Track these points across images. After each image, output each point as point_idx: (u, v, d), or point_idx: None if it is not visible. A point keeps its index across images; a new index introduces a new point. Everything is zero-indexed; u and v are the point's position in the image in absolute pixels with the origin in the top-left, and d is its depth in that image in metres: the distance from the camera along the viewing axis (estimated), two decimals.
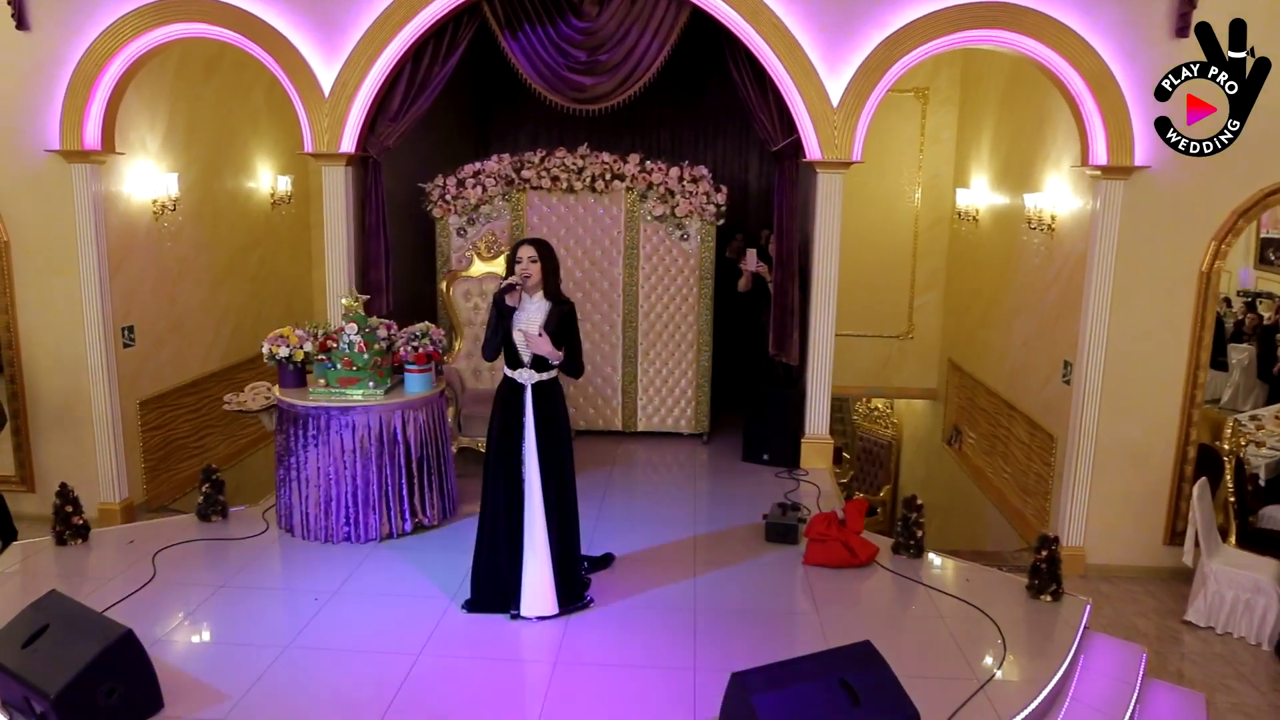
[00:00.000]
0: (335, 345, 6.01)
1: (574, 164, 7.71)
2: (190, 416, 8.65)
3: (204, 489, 6.24)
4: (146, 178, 7.86)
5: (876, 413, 12.02)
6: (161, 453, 8.26)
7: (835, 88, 6.95)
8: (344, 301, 6.11)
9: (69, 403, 7.64)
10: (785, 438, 7.55)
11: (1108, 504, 7.19)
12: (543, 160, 7.76)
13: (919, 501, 5.89)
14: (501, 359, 5.01)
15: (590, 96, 7.27)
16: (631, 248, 7.88)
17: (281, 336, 6.13)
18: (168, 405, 8.27)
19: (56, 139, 7.22)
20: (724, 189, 7.78)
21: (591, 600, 5.19)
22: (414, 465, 6.02)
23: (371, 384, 5.98)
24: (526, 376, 4.90)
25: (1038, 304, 7.96)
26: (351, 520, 5.92)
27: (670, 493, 7.10)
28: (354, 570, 5.59)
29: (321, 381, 6.06)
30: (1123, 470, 7.13)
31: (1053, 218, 7.63)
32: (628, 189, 7.77)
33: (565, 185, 7.76)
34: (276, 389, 6.89)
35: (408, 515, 6.04)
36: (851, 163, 7.08)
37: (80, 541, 5.90)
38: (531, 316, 4.85)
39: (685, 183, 7.69)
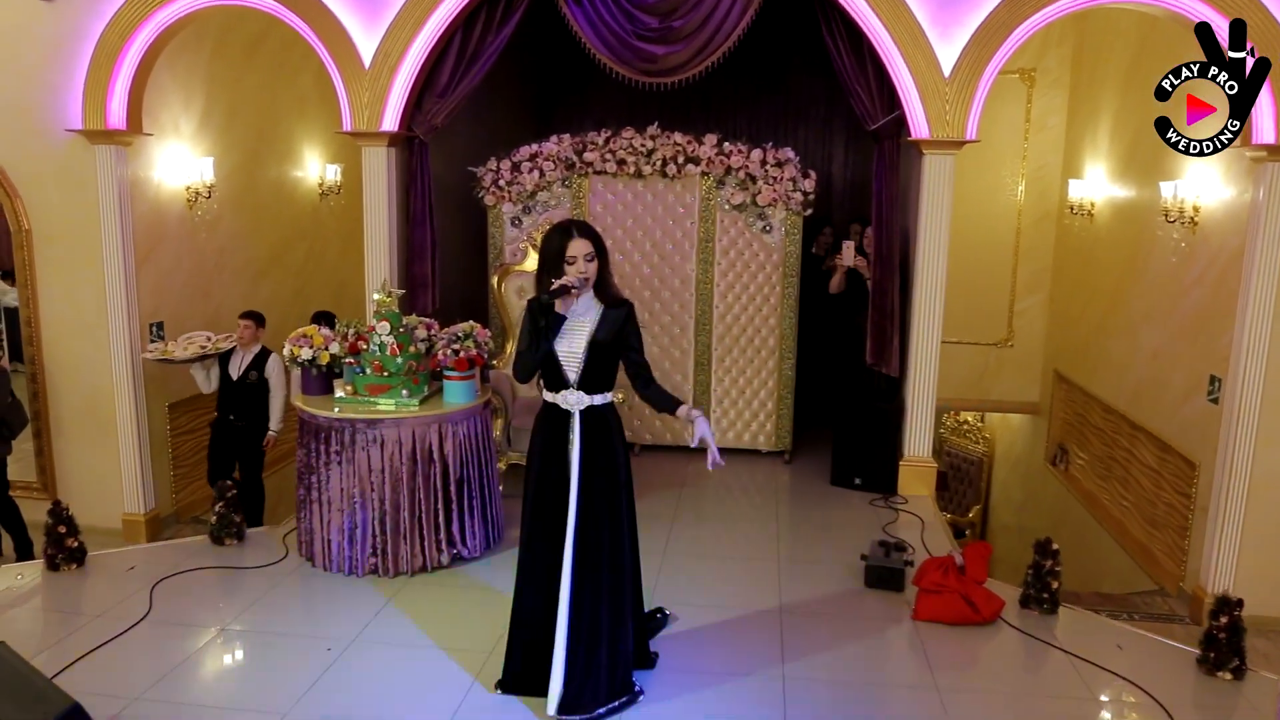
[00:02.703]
0: (365, 347, 5.08)
1: (643, 146, 6.67)
2: None
3: (217, 508, 5.34)
4: (179, 162, 7.05)
5: (966, 426, 10.78)
6: (194, 459, 7.43)
7: (947, 55, 5.82)
8: (376, 297, 5.16)
9: (92, 404, 6.86)
10: (881, 459, 6.41)
11: (1264, 544, 5.92)
12: (607, 141, 6.73)
13: (1055, 546, 4.75)
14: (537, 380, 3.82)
15: (662, 68, 6.24)
16: (706, 240, 6.81)
17: (304, 336, 5.22)
18: (202, 408, 7.43)
19: (79, 117, 6.45)
20: (812, 174, 6.67)
21: (640, 692, 3.92)
22: (452, 488, 5.04)
23: (405, 393, 5.02)
24: (574, 400, 3.69)
25: (1174, 309, 6.72)
26: (379, 550, 4.96)
27: (748, 521, 6.02)
28: (378, 612, 4.63)
29: (349, 389, 5.12)
30: None
31: (1195, 209, 6.39)
32: (703, 174, 6.71)
33: (633, 169, 6.72)
34: (223, 339, 5.95)
35: (444, 546, 5.05)
36: (965, 142, 5.94)
37: (75, 567, 5.05)
38: (579, 322, 3.66)
39: (768, 167, 6.60)
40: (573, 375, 3.69)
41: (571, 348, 3.67)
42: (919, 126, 5.93)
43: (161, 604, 4.68)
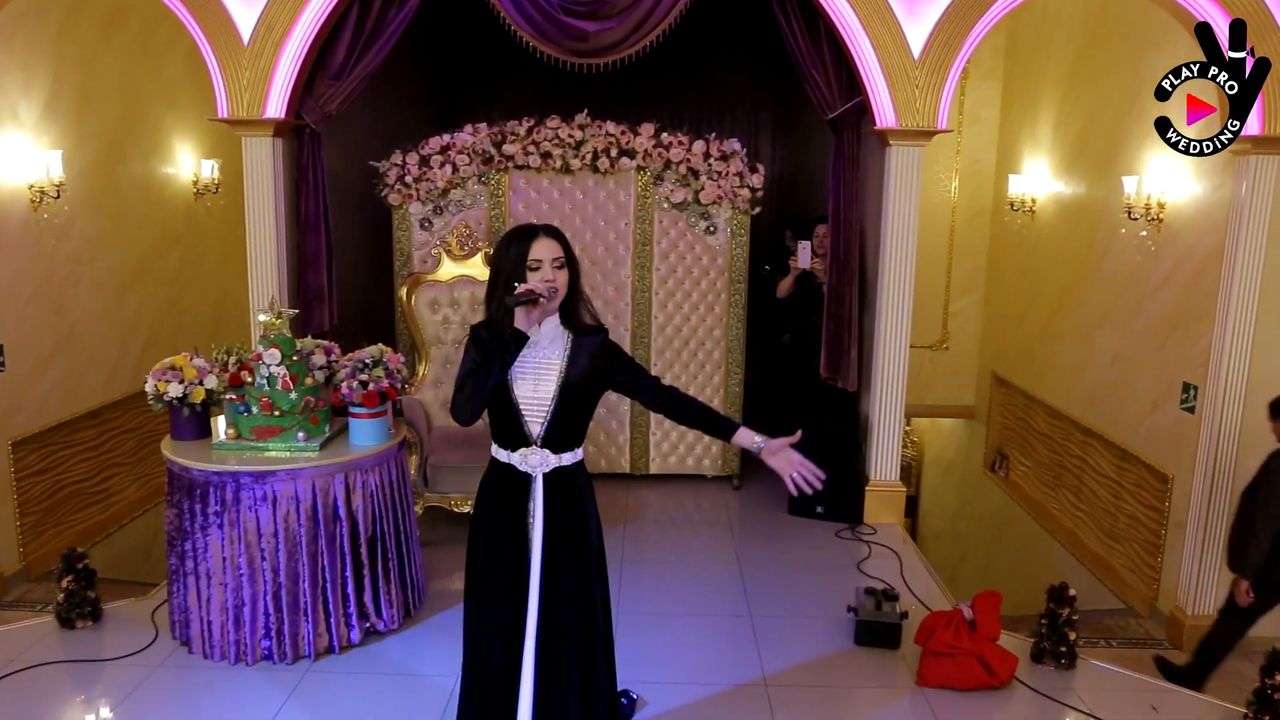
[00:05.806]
0: (250, 379, 4.03)
1: (570, 137, 5.73)
2: (89, 455, 6.57)
3: (65, 583, 4.19)
4: (20, 156, 5.77)
5: None
6: (45, 504, 6.18)
7: (917, 35, 5.09)
8: (263, 318, 4.11)
9: None
10: (843, 484, 5.63)
11: None
12: (530, 132, 5.77)
13: (1072, 592, 4.05)
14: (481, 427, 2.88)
15: (593, 48, 5.33)
16: (643, 243, 5.93)
17: (173, 369, 4.12)
18: (55, 443, 6.20)
19: None
20: (760, 169, 5.87)
21: None
22: (363, 550, 4.02)
23: (301, 435, 3.98)
24: (537, 462, 2.78)
25: (1138, 311, 6.18)
26: (273, 632, 3.91)
27: (706, 564, 5.15)
28: (276, 713, 3.62)
29: (230, 432, 4.06)
30: None
31: (1161, 206, 5.85)
32: (639, 168, 5.81)
33: (559, 164, 5.77)
34: None
35: (354, 621, 4.04)
36: (935, 132, 5.24)
37: None
38: (545, 358, 2.76)
39: (712, 160, 5.77)
40: (536, 429, 2.75)
41: (536, 393, 2.73)
42: (884, 115, 5.19)
43: None
